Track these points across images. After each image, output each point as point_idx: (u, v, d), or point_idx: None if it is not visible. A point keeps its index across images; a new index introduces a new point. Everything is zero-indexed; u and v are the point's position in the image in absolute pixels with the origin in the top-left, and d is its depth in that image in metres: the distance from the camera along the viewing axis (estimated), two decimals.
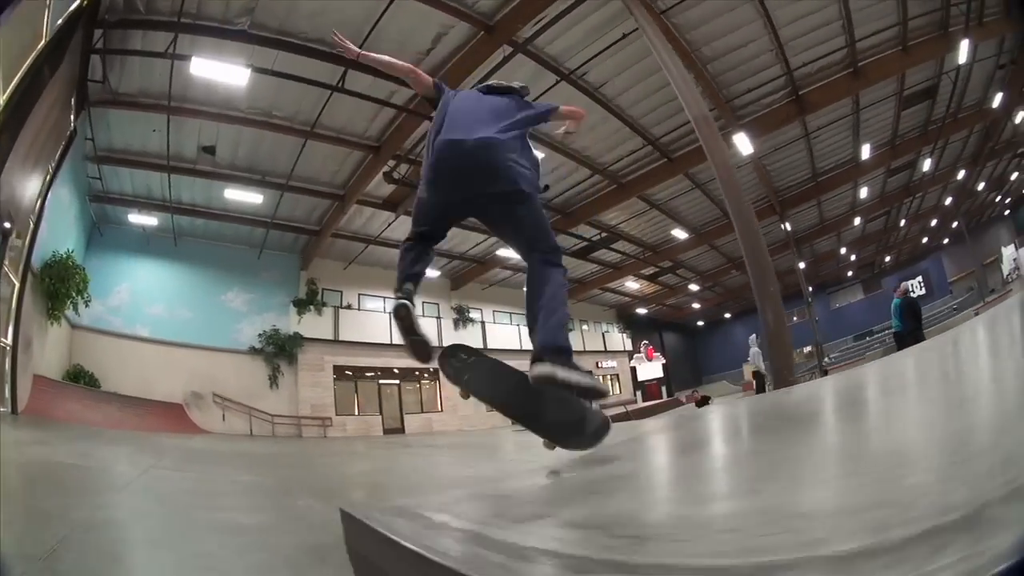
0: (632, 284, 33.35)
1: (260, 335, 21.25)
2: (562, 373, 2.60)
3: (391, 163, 16.78)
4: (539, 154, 3.38)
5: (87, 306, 15.83)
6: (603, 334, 36.06)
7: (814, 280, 35.84)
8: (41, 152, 10.06)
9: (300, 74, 13.25)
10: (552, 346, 2.74)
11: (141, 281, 19.45)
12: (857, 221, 29.75)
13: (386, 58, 3.60)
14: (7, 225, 9.33)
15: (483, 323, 28.29)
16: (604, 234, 24.39)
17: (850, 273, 40.94)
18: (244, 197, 18.19)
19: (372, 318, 23.62)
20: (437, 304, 27.04)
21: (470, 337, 26.49)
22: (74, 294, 14.68)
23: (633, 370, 37.04)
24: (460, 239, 21.30)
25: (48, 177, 11.92)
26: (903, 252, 40.44)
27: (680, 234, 25.38)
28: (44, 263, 13.70)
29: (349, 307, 24.05)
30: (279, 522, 3.52)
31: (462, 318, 27.03)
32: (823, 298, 40.43)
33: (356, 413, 23.24)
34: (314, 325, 22.42)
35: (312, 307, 22.57)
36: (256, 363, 21.00)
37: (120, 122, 14.88)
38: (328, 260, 23.35)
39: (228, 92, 13.85)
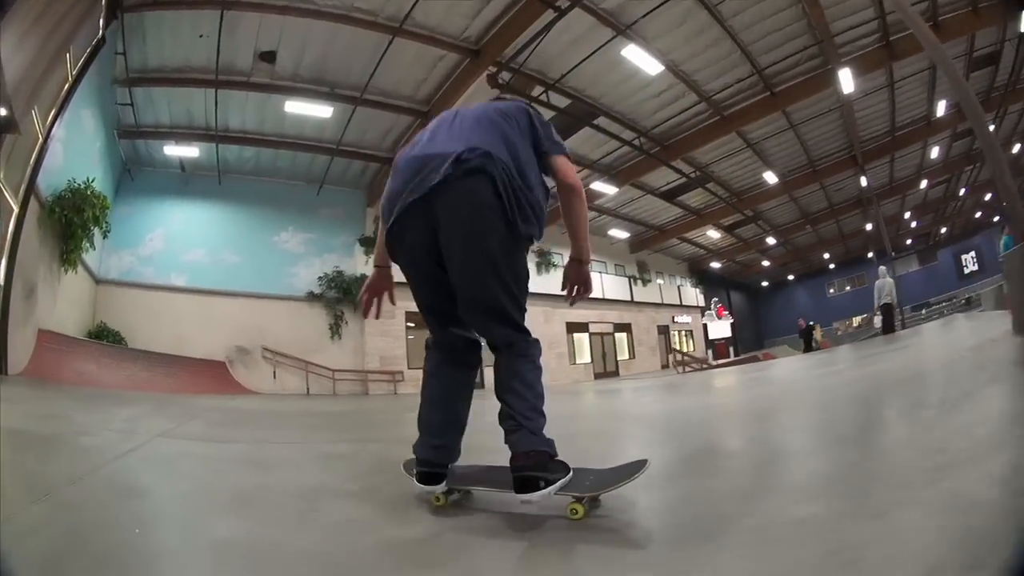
0: (712, 234, 30.71)
1: (320, 278, 17.79)
2: (537, 496, 1.91)
3: (492, 68, 13.30)
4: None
5: (105, 237, 12.62)
6: (678, 288, 33.30)
7: (876, 244, 33.73)
8: (55, 31, 7.57)
9: None
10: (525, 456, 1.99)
11: (178, 225, 16.20)
12: (924, 184, 28.53)
13: None
14: (2, 112, 7.03)
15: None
16: (697, 173, 21.80)
17: (908, 241, 39.19)
18: (309, 110, 14.34)
19: None
20: None
21: (552, 283, 23.23)
22: (91, 225, 11.19)
23: (705, 327, 34.78)
24: None
25: (67, 85, 9.63)
26: (957, 225, 38.58)
27: (770, 178, 22.93)
28: (57, 195, 10.52)
29: None
30: None
31: (544, 262, 23.77)
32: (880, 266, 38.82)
33: None
34: None
35: None
36: (315, 311, 17.53)
37: (159, 30, 11.75)
38: None
39: None
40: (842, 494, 1.86)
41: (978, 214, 36.11)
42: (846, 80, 15.00)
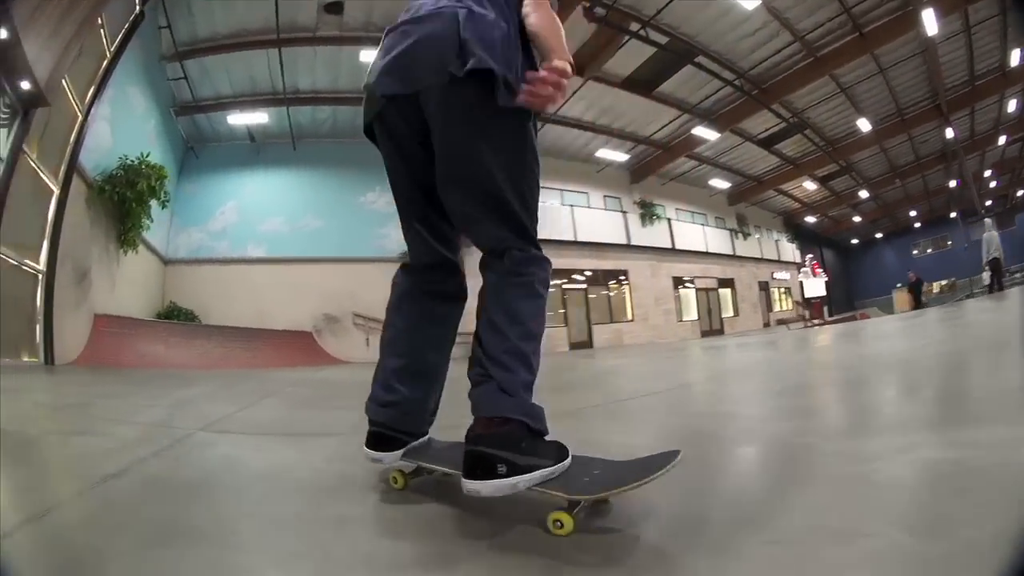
0: (808, 185, 28.97)
1: None
2: (489, 489, 1.28)
3: (586, 3, 12.03)
4: None
5: (164, 207, 11.63)
6: (775, 242, 31.42)
7: (959, 204, 32.61)
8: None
9: None
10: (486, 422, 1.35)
11: (251, 196, 15.34)
12: (1002, 140, 26.37)
13: None
14: (25, 85, 6.44)
15: (669, 220, 23.14)
16: (794, 118, 20.45)
17: (988, 203, 35.90)
18: None
19: (551, 211, 18.13)
20: (619, 198, 22.20)
21: (657, 235, 22.21)
22: (146, 197, 10.34)
23: (801, 284, 32.65)
24: (651, 115, 16.72)
25: (105, 63, 9.24)
26: None
27: (863, 125, 21.46)
28: (108, 174, 9.94)
29: None
30: None
31: (648, 214, 22.23)
32: (962, 229, 36.15)
33: None
34: None
35: None
36: None
37: None
38: None
39: None
40: None
41: None
42: (929, 21, 14.37)
